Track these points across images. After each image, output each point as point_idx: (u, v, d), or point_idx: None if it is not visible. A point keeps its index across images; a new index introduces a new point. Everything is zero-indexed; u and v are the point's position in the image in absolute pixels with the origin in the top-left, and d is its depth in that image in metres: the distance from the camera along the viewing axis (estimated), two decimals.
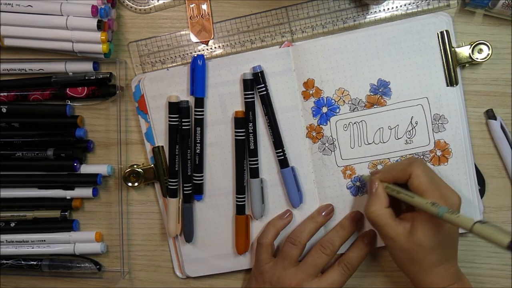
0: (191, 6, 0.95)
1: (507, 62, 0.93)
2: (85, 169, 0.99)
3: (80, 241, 1.02)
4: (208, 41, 0.95)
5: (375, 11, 0.93)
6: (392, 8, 0.92)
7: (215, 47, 0.95)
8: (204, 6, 0.95)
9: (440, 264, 0.82)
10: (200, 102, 0.93)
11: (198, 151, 0.94)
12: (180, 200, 0.97)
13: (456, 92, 0.91)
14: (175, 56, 0.96)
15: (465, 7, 0.92)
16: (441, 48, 0.90)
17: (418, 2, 0.92)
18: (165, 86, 0.95)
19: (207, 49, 0.96)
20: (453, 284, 0.82)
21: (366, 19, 0.93)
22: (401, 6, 0.92)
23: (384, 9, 0.93)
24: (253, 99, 0.92)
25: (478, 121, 0.95)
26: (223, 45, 0.95)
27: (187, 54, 0.96)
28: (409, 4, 0.92)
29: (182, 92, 0.95)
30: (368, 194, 0.89)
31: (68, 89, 0.97)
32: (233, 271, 1.01)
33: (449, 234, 0.82)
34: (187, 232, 0.97)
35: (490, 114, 0.94)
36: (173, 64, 0.96)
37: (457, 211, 0.73)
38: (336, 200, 0.95)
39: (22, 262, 1.02)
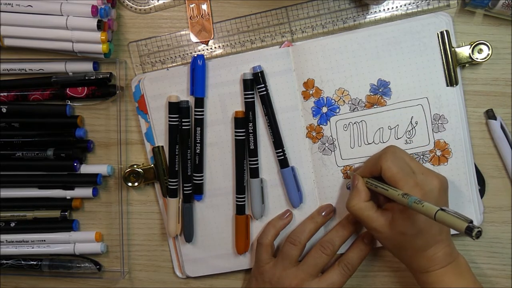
0: (191, 6, 0.95)
1: (507, 62, 0.93)
2: (85, 169, 0.99)
3: (80, 241, 1.02)
4: (208, 41, 0.95)
5: (375, 11, 0.93)
6: (392, 8, 0.92)
7: (215, 47, 0.96)
8: (204, 6, 0.95)
9: (427, 248, 0.83)
10: (200, 102, 0.93)
11: (198, 151, 0.94)
12: (180, 200, 0.97)
13: (456, 92, 0.91)
14: (175, 56, 0.96)
15: (465, 7, 0.92)
16: (441, 48, 0.90)
17: (418, 2, 0.92)
18: (165, 86, 0.95)
19: (207, 49, 0.96)
20: (445, 266, 0.83)
21: (366, 19, 0.93)
22: (401, 6, 0.92)
23: (384, 9, 0.93)
24: (253, 99, 0.92)
25: (478, 121, 0.95)
26: (223, 45, 0.95)
27: (187, 54, 0.96)
28: (409, 4, 0.92)
29: (182, 92, 0.95)
30: (351, 189, 0.90)
31: (68, 89, 0.97)
32: (233, 271, 1.01)
33: (426, 219, 0.80)
34: (187, 232, 0.97)
35: (490, 114, 0.94)
36: (173, 64, 0.96)
37: (423, 201, 0.73)
38: (336, 200, 0.95)
39: (22, 262, 1.02)
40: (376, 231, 0.85)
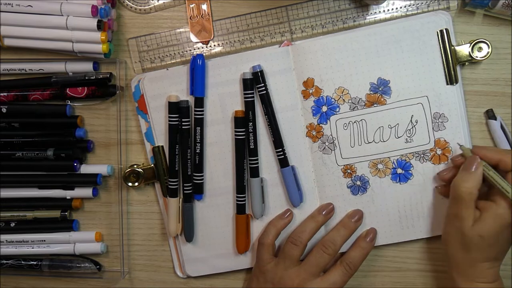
0: (191, 6, 0.95)
1: (507, 62, 0.93)
2: (85, 169, 0.99)
3: (80, 241, 1.02)
4: (208, 41, 0.95)
5: (375, 12, 0.93)
6: (392, 9, 0.93)
7: (214, 45, 0.96)
8: (204, 6, 0.95)
9: (489, 260, 0.83)
10: (200, 102, 0.93)
11: (198, 150, 0.94)
12: (181, 199, 0.97)
13: (456, 91, 0.91)
14: (174, 54, 0.96)
15: (465, 7, 0.92)
16: (441, 46, 0.90)
17: (418, 4, 0.92)
18: (165, 86, 0.95)
19: (205, 47, 0.96)
20: (491, 283, 0.83)
21: (366, 20, 0.93)
22: (401, 7, 0.92)
23: (384, 10, 0.93)
24: (253, 99, 0.92)
25: (478, 121, 0.95)
26: (222, 43, 0.95)
27: (186, 51, 0.96)
28: (409, 5, 0.92)
29: (182, 92, 0.95)
30: (463, 169, 0.85)
31: (68, 89, 0.97)
32: (233, 270, 1.01)
33: (509, 235, 0.82)
34: (188, 231, 0.97)
35: (490, 114, 0.94)
36: (172, 61, 0.96)
37: None
38: (336, 199, 0.95)
39: (22, 262, 1.02)
40: (460, 220, 0.83)
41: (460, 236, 0.83)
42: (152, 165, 0.98)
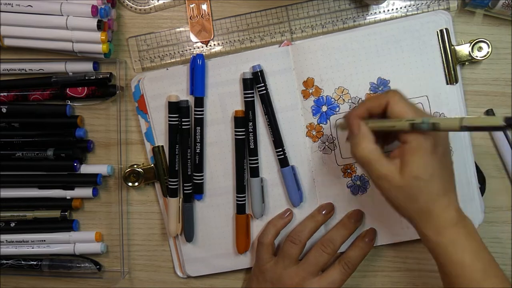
0: (191, 6, 0.95)
1: (507, 62, 0.93)
2: (85, 169, 0.99)
3: (80, 241, 1.02)
4: (208, 41, 0.95)
5: (375, 12, 0.93)
6: (392, 10, 0.93)
7: (214, 44, 0.96)
8: (204, 6, 0.95)
9: (441, 196, 0.75)
10: (200, 102, 0.93)
11: (198, 150, 0.94)
12: (181, 199, 0.97)
13: (456, 90, 0.91)
14: (174, 53, 0.96)
15: (465, 7, 0.92)
16: (441, 46, 0.90)
17: (418, 4, 0.92)
18: (164, 85, 0.95)
19: (205, 47, 0.96)
20: (458, 224, 0.76)
21: (366, 20, 0.93)
22: (401, 8, 0.92)
23: (384, 11, 0.93)
24: (253, 98, 0.93)
25: None
26: (222, 43, 0.95)
27: (186, 51, 0.96)
28: (409, 6, 0.92)
29: (181, 92, 0.95)
30: (350, 136, 0.80)
31: (68, 89, 0.97)
32: (233, 270, 1.01)
33: (444, 162, 0.76)
34: (188, 231, 0.97)
35: (490, 114, 0.93)
36: (172, 61, 0.96)
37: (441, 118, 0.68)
38: (336, 199, 0.95)
39: (22, 262, 1.02)
40: (386, 178, 0.75)
41: (398, 191, 0.76)
42: (152, 165, 0.98)
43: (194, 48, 0.96)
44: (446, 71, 0.90)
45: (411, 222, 0.79)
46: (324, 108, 0.93)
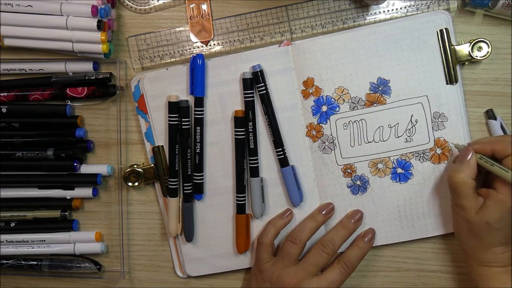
0: (191, 6, 0.95)
1: (507, 62, 0.93)
2: (85, 169, 0.99)
3: (80, 241, 1.02)
4: (208, 41, 0.95)
5: (375, 12, 0.93)
6: (392, 10, 0.93)
7: (214, 44, 0.96)
8: (204, 6, 0.95)
9: (501, 245, 0.84)
10: (199, 102, 0.93)
11: (198, 150, 0.94)
12: (181, 199, 0.97)
13: (456, 90, 0.91)
14: (174, 52, 0.96)
15: (465, 7, 0.92)
16: (441, 46, 0.90)
17: (418, 4, 0.92)
18: (164, 85, 0.95)
19: (205, 47, 0.96)
20: (506, 266, 0.85)
21: (366, 20, 0.93)
22: (400, 8, 0.92)
23: (384, 11, 0.93)
24: (252, 98, 0.92)
25: (478, 121, 0.95)
26: (222, 43, 0.95)
27: (186, 50, 0.96)
28: (409, 6, 0.92)
29: (181, 92, 0.95)
30: (457, 162, 0.87)
31: (68, 89, 0.97)
32: (233, 270, 1.01)
33: None
34: (188, 231, 0.97)
35: (490, 114, 0.94)
36: (171, 60, 0.96)
37: None
38: (336, 199, 0.95)
39: (22, 262, 1.02)
40: (463, 210, 0.84)
41: (467, 224, 0.85)
42: (152, 165, 0.98)
43: (194, 48, 0.96)
44: (446, 71, 0.90)
45: (465, 251, 0.89)
46: (324, 108, 0.93)
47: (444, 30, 0.90)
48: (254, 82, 0.92)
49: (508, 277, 0.84)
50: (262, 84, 0.91)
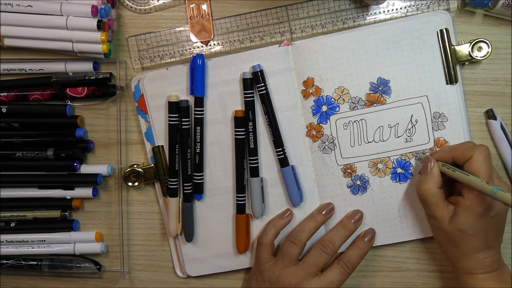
0: (191, 6, 0.95)
1: (507, 62, 0.93)
2: (85, 169, 0.99)
3: (80, 241, 1.02)
4: (208, 41, 0.95)
5: (375, 12, 0.93)
6: (392, 10, 0.93)
7: (214, 44, 0.96)
8: (204, 6, 0.95)
9: (480, 251, 0.84)
10: (199, 102, 0.93)
11: (198, 150, 0.94)
12: (181, 199, 0.97)
13: (456, 90, 0.91)
14: (174, 52, 0.96)
15: (465, 7, 0.92)
16: (441, 46, 0.90)
17: (418, 4, 0.92)
18: (164, 85, 0.95)
19: (205, 47, 0.96)
20: (491, 272, 0.84)
21: (366, 20, 0.93)
22: (400, 8, 0.92)
23: (384, 11, 0.93)
24: (252, 98, 0.92)
25: (478, 121, 0.95)
26: (222, 43, 0.95)
27: (186, 50, 0.96)
28: (409, 6, 0.92)
29: (181, 92, 0.95)
30: (421, 173, 0.89)
31: (68, 89, 0.97)
32: (233, 270, 1.01)
33: (493, 223, 0.84)
34: (188, 231, 0.97)
35: (490, 114, 0.94)
36: (171, 60, 0.96)
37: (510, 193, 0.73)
38: (336, 199, 0.95)
39: (22, 262, 1.02)
40: (436, 220, 0.85)
41: (444, 234, 0.85)
42: (152, 165, 0.98)
43: (194, 48, 0.96)
44: (446, 71, 0.90)
45: (448, 260, 0.90)
46: (324, 108, 0.93)
47: (444, 30, 0.90)
48: (254, 82, 0.92)
49: (494, 283, 0.84)
50: (262, 84, 0.91)
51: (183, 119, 0.94)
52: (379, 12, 0.93)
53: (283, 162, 0.94)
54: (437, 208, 0.84)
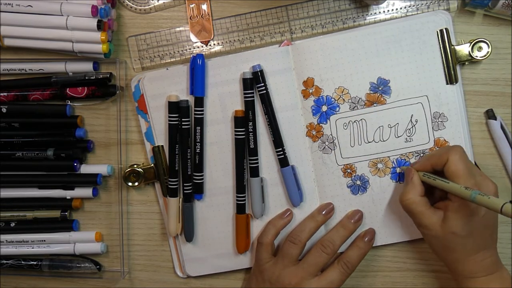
0: (191, 6, 0.95)
1: (507, 62, 0.93)
2: (85, 169, 0.99)
3: (80, 241, 1.02)
4: (208, 41, 0.95)
5: (375, 12, 0.93)
6: (392, 10, 0.93)
7: (214, 44, 0.96)
8: (204, 6, 0.95)
9: (477, 252, 0.83)
10: (200, 102, 0.93)
11: (198, 150, 0.94)
12: (181, 199, 0.97)
13: (456, 90, 0.91)
14: (174, 52, 0.96)
15: (465, 7, 0.92)
16: (441, 46, 0.90)
17: (418, 4, 0.92)
18: (164, 85, 0.95)
19: (205, 47, 0.96)
20: (491, 274, 0.84)
21: (366, 20, 0.93)
22: (400, 8, 0.92)
23: (384, 11, 0.93)
24: (252, 98, 0.92)
25: (478, 121, 0.95)
26: (222, 43, 0.95)
27: (186, 50, 0.96)
28: (409, 6, 0.92)
29: (181, 92, 0.95)
30: (404, 183, 0.90)
31: (68, 89, 0.97)
32: (233, 270, 1.01)
33: (485, 222, 0.83)
34: (188, 231, 0.97)
35: (490, 114, 0.94)
36: (171, 60, 0.96)
37: (488, 195, 0.72)
38: (336, 199, 0.95)
39: (22, 262, 1.02)
40: (426, 228, 0.85)
41: (437, 241, 0.85)
42: (152, 165, 0.98)
43: (194, 48, 0.96)
44: (446, 71, 0.90)
45: (447, 266, 0.88)
46: (324, 108, 0.93)
47: (444, 30, 0.90)
48: (254, 82, 0.92)
49: (495, 284, 0.83)
50: (262, 84, 0.91)
51: (183, 119, 0.94)
52: (379, 12, 0.93)
53: (283, 162, 0.94)
54: (423, 216, 0.84)
